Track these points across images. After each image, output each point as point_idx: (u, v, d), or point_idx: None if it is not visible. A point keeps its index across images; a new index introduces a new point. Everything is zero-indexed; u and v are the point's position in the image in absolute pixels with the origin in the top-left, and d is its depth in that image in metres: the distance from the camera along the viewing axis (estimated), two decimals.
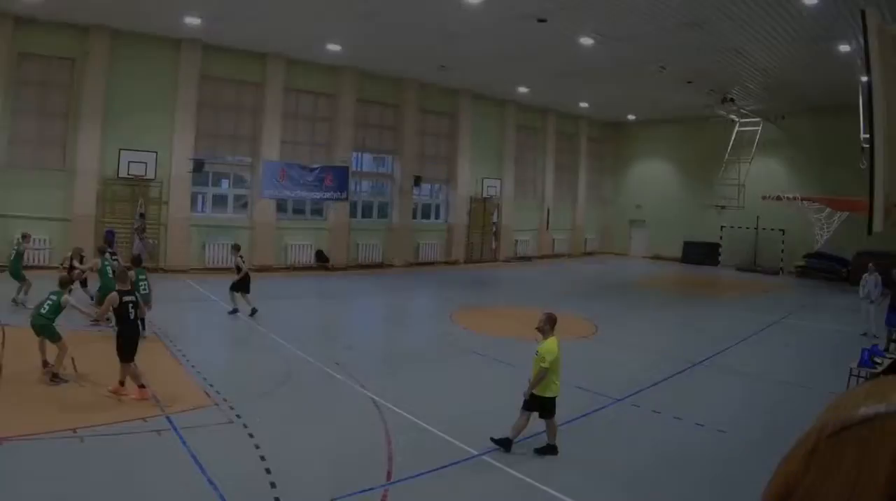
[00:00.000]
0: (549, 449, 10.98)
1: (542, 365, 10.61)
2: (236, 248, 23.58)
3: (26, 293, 20.35)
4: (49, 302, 14.23)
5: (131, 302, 13.11)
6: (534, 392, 10.82)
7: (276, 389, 14.25)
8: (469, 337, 20.62)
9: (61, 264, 21.34)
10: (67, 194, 29.04)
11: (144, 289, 18.36)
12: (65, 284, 14.81)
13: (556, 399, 11.00)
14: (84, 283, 21.27)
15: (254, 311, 21.60)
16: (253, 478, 9.55)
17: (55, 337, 13.91)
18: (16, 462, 9.52)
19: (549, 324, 11.04)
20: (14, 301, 20.29)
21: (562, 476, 10.30)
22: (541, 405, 10.89)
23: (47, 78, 29.11)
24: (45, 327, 13.97)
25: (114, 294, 13.15)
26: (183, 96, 31.41)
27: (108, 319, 15.73)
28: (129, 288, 13.76)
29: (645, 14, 24.01)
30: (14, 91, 28.06)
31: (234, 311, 21.96)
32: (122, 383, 12.90)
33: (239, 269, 22.31)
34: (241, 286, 22.07)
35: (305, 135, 36.35)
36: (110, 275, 18.95)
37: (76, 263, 20.51)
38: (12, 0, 25.91)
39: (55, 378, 13.51)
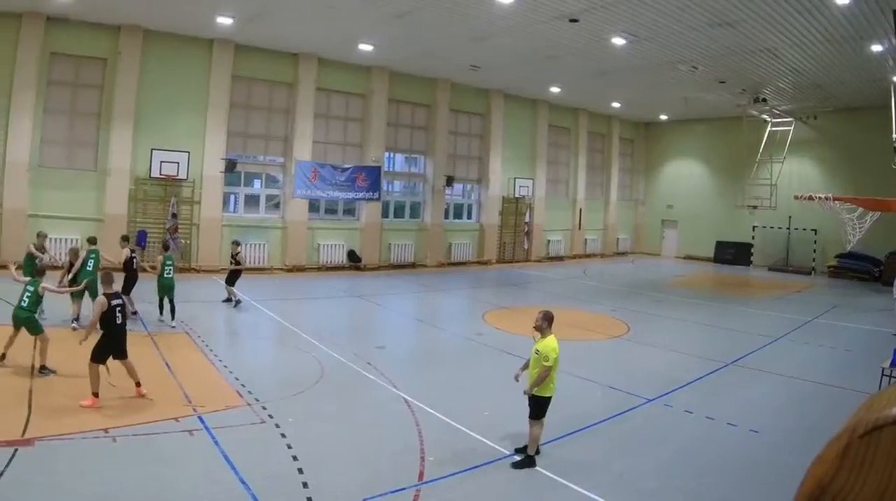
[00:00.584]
0: (527, 462, 10.36)
1: (546, 363, 10.23)
2: (236, 244, 23.87)
3: None
4: (27, 294, 13.99)
5: (119, 305, 12.43)
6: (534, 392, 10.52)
7: (308, 389, 13.86)
8: (501, 336, 19.99)
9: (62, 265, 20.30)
10: (99, 194, 28.39)
11: (168, 274, 19.11)
12: (39, 274, 14.64)
13: (551, 400, 10.60)
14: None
15: (237, 303, 22.33)
16: (285, 478, 9.38)
17: (38, 330, 13.74)
18: (49, 462, 9.35)
19: (546, 322, 10.61)
20: None
21: (594, 476, 10.05)
22: (537, 405, 10.45)
23: (79, 78, 28.43)
24: (28, 320, 13.76)
25: (102, 298, 12.40)
26: (215, 96, 30.69)
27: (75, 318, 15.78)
28: (115, 290, 13.09)
29: (676, 14, 23.40)
30: (46, 91, 27.44)
31: (238, 303, 22.34)
32: (138, 384, 12.37)
33: (238, 263, 23.00)
34: (234, 278, 22.81)
35: (337, 135, 35.54)
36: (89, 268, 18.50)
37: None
38: (44, 0, 25.43)
39: (43, 369, 13.37)
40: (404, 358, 18.06)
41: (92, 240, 19.67)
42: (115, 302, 12.29)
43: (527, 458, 10.41)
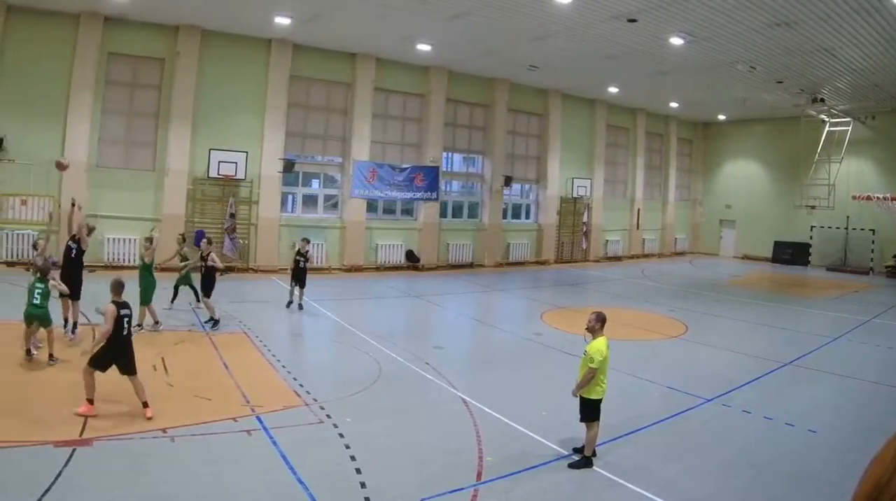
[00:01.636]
0: (584, 462, 9.96)
1: (591, 365, 9.86)
2: (306, 241, 21.97)
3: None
4: (38, 291, 13.63)
5: (127, 316, 11.34)
6: (580, 393, 10.13)
7: (366, 389, 13.39)
8: (559, 336, 19.16)
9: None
10: (157, 194, 27.36)
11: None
12: (45, 273, 14.04)
13: (602, 401, 10.13)
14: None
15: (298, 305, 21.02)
16: (343, 478, 9.12)
17: (49, 323, 13.68)
18: (107, 462, 9.08)
19: (599, 323, 10.22)
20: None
21: (652, 476, 9.70)
22: (585, 408, 10.08)
23: (137, 78, 27.42)
24: (43, 316, 13.56)
25: (111, 306, 11.24)
26: (273, 96, 29.40)
27: (137, 324, 14.40)
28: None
29: (734, 14, 22.34)
30: (104, 91, 26.43)
31: (300, 306, 20.94)
32: (145, 404, 10.99)
33: (307, 260, 21.21)
34: (302, 277, 21.05)
35: (395, 135, 34.15)
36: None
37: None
38: (103, 0, 24.43)
39: (51, 358, 13.38)
40: (462, 358, 17.61)
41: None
42: (123, 311, 11.23)
43: (584, 459, 10.01)
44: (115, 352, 11.08)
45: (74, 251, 16.10)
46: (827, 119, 39.41)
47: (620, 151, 45.32)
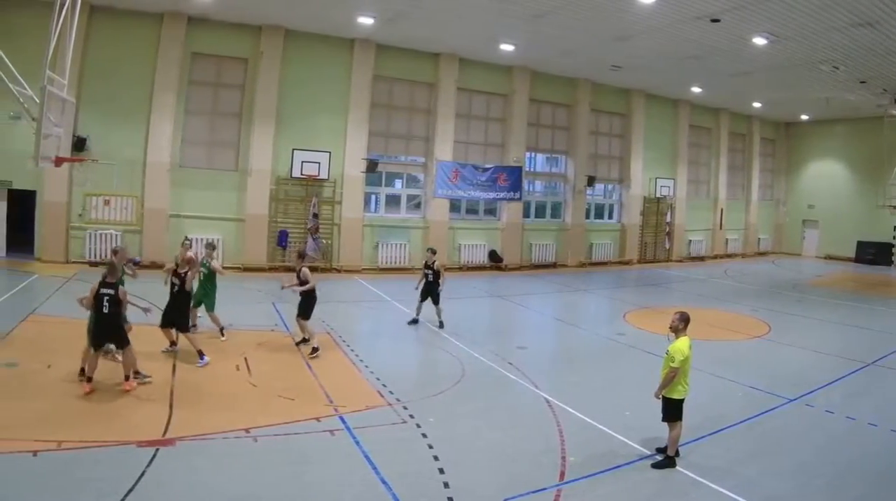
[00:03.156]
0: (667, 462, 9.32)
1: (672, 365, 9.27)
2: (433, 251, 18.93)
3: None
4: (107, 298, 11.35)
5: (107, 295, 11.01)
6: (663, 393, 9.44)
7: (449, 388, 12.66)
8: (642, 336, 17.98)
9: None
10: (240, 194, 25.56)
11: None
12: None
13: (684, 401, 9.51)
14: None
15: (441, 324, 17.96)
16: (426, 478, 8.56)
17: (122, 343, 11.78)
18: (190, 462, 8.57)
19: (682, 323, 9.60)
20: None
21: (735, 476, 9.04)
22: (668, 408, 9.44)
23: (220, 78, 25.72)
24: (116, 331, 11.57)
25: (95, 284, 11.20)
26: (356, 96, 27.24)
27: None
28: (114, 281, 11.40)
29: (817, 14, 20.86)
30: (187, 91, 24.82)
31: (441, 324, 17.94)
32: (126, 377, 11.17)
33: (437, 273, 18.15)
34: (435, 291, 18.06)
35: (478, 135, 31.61)
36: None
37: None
38: (186, 0, 22.79)
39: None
40: (545, 358, 16.50)
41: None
42: (102, 290, 11.05)
43: (667, 459, 9.39)
44: (100, 330, 11.00)
45: (177, 287, 14.26)
46: None
47: (703, 151, 41.86)
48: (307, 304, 14.75)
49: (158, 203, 24.15)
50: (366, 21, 24.67)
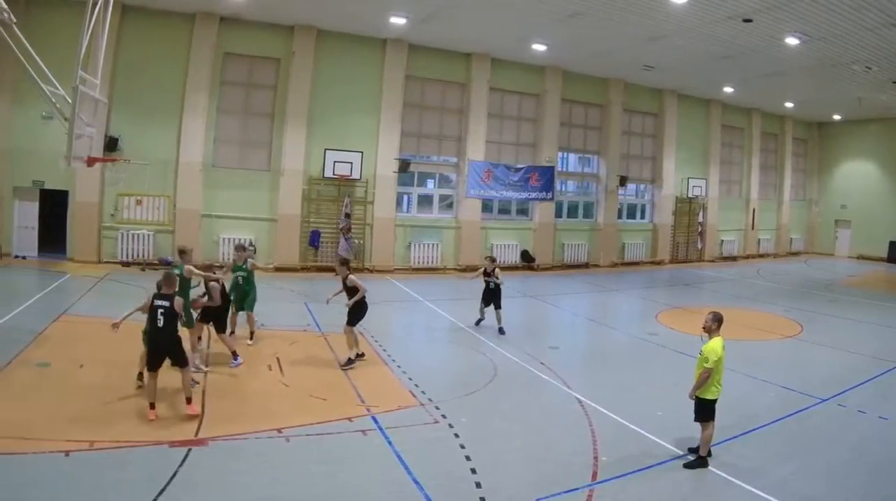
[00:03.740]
0: (699, 462, 9.04)
1: (706, 365, 8.97)
2: (492, 259, 17.60)
3: None
4: (161, 310, 9.99)
5: (161, 307, 9.76)
6: (696, 394, 9.14)
7: (481, 388, 12.34)
8: (674, 337, 17.55)
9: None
10: (272, 194, 24.85)
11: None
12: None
13: (717, 402, 9.18)
14: None
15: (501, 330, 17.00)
16: (458, 478, 8.35)
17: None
18: (222, 462, 8.38)
19: (716, 324, 9.32)
20: None
21: (767, 475, 8.77)
22: (700, 408, 9.15)
23: (252, 78, 25.01)
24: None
25: (148, 296, 10.09)
26: (388, 96, 26.42)
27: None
28: (171, 292, 10.11)
29: (850, 14, 20.34)
30: (219, 91, 24.13)
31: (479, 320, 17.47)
32: (188, 399, 9.98)
33: (497, 280, 17.03)
34: (497, 298, 17.13)
35: (510, 135, 30.57)
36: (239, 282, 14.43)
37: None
38: (218, 0, 22.09)
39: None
40: (577, 358, 16.23)
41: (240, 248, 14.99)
42: (157, 302, 9.83)
43: (699, 459, 9.10)
44: (155, 346, 9.83)
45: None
46: None
47: (735, 151, 40.42)
48: (358, 313, 13.51)
49: (191, 203, 23.46)
50: (398, 21, 23.96)
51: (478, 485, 8.15)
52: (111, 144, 21.69)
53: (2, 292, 18.05)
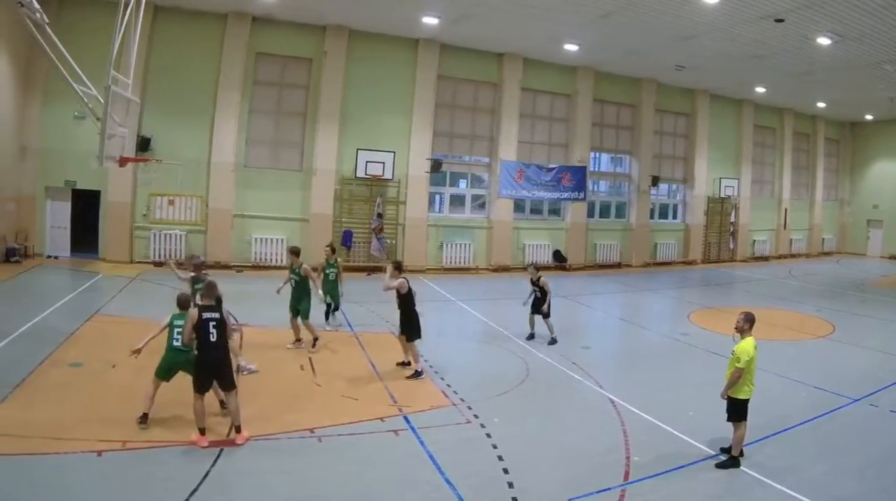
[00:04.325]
0: (731, 462, 8.73)
1: (738, 365, 8.68)
2: (535, 268, 16.60)
3: None
4: (178, 329, 9.11)
5: (213, 320, 8.63)
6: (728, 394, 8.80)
7: (513, 388, 11.94)
8: (706, 336, 17.00)
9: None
10: (304, 194, 24.13)
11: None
12: (185, 305, 9.37)
13: (749, 401, 8.87)
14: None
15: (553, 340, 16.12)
16: (490, 478, 8.10)
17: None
18: (254, 462, 8.13)
19: (747, 324, 8.99)
20: None
21: (798, 475, 8.48)
22: (733, 408, 8.84)
23: (284, 78, 24.32)
24: (187, 364, 9.00)
25: (193, 310, 8.83)
26: (420, 96, 25.67)
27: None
28: (214, 302, 8.99)
29: (882, 14, 19.95)
30: (251, 91, 23.54)
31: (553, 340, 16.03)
32: (237, 429, 8.82)
33: (543, 291, 16.05)
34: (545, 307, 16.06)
35: (542, 135, 29.57)
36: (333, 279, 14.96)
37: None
38: (250, 0, 21.48)
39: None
40: (609, 358, 15.82)
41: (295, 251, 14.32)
42: (207, 315, 8.70)
43: (731, 458, 8.80)
44: (206, 365, 8.69)
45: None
46: None
47: (767, 151, 39.07)
48: (412, 323, 12.40)
49: (223, 203, 22.83)
50: (430, 21, 23.32)
51: (510, 485, 7.94)
52: (143, 144, 21.00)
53: (34, 292, 17.75)
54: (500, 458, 8.72)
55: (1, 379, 10.19)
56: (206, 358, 8.67)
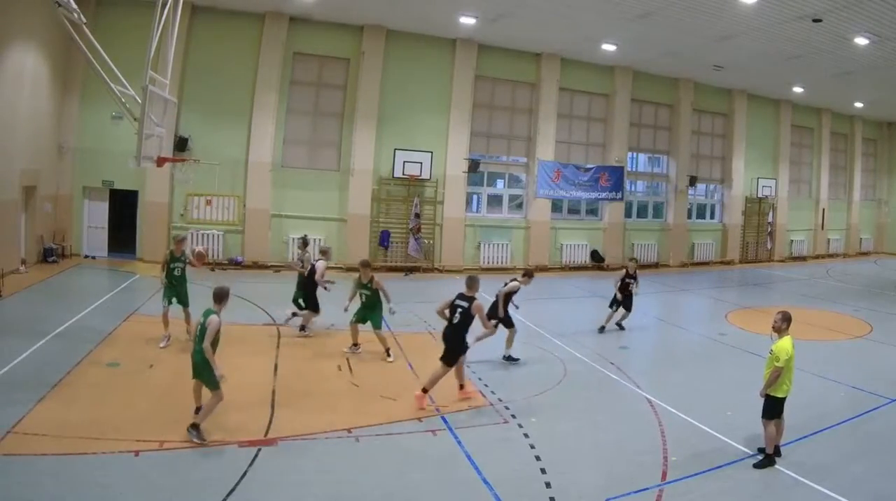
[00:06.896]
0: (767, 461, 8.39)
1: (777, 364, 8.37)
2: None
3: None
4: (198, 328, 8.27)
5: (459, 307, 10.29)
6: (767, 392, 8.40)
7: (551, 388, 11.50)
8: (744, 336, 16.51)
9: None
10: (342, 194, 23.16)
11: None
12: (221, 298, 8.60)
13: (786, 400, 8.52)
14: None
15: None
16: (527, 478, 7.82)
17: (212, 384, 8.33)
18: (291, 461, 7.93)
19: (785, 323, 8.68)
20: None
21: (836, 475, 8.14)
22: (769, 405, 8.49)
23: (322, 78, 23.33)
24: (202, 366, 8.28)
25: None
26: (458, 96, 24.53)
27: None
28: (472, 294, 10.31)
29: None
30: (288, 91, 22.63)
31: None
32: (461, 385, 10.34)
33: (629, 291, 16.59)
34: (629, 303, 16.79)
35: (580, 135, 28.23)
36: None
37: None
38: (288, 0, 20.55)
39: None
40: (647, 357, 15.46)
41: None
42: (458, 302, 10.32)
43: (766, 457, 8.46)
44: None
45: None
46: None
47: (805, 151, 37.09)
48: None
49: (260, 203, 21.82)
50: (468, 21, 22.14)
51: (547, 485, 7.70)
52: (181, 144, 19.89)
53: (72, 292, 17.26)
54: (537, 458, 8.45)
55: (39, 379, 9.90)
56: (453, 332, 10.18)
